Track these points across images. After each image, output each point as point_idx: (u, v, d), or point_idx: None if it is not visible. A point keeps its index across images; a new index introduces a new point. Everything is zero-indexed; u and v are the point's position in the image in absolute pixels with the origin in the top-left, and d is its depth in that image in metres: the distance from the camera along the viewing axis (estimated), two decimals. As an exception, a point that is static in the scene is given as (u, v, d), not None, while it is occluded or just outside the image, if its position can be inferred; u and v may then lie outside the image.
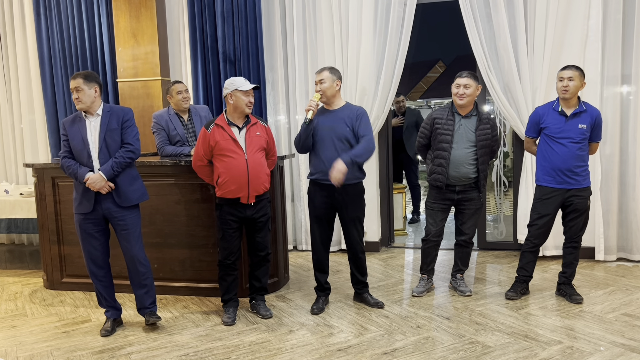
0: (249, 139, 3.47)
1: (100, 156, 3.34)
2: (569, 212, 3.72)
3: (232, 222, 3.53)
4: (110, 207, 3.38)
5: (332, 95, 3.60)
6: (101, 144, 3.34)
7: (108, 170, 3.32)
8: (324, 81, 3.55)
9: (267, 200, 3.65)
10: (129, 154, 3.39)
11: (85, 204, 3.36)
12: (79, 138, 3.34)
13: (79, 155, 3.36)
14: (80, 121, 3.37)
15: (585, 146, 3.64)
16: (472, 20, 4.69)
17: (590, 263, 4.70)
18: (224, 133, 3.44)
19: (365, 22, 4.92)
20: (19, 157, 6.16)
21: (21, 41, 5.92)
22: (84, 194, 3.36)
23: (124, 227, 3.42)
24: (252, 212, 3.54)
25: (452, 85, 3.77)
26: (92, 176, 3.29)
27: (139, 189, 3.49)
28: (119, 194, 3.38)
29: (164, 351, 3.19)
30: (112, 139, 3.37)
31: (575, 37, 4.55)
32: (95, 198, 3.35)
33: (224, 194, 3.48)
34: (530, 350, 3.04)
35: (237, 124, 3.49)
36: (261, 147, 3.53)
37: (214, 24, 5.31)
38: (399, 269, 4.76)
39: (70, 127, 3.38)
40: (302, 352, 3.12)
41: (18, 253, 5.89)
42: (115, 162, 3.33)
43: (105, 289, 3.52)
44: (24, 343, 3.38)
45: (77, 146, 3.35)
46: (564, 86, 3.56)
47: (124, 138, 3.40)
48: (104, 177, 3.31)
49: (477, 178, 3.82)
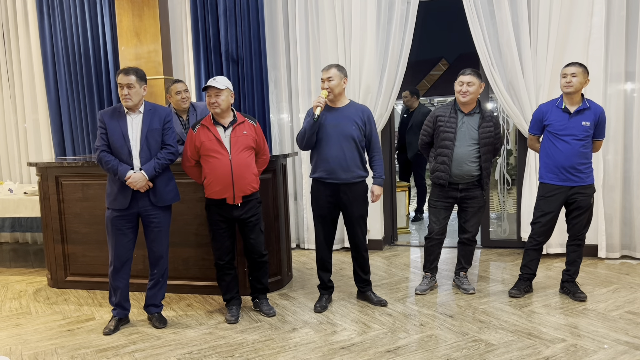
0: (234, 139, 3.42)
1: (141, 154, 3.34)
2: (572, 210, 3.71)
3: (220, 223, 3.51)
4: (145, 205, 3.40)
5: (339, 93, 3.59)
6: (143, 143, 3.35)
7: (150, 170, 3.33)
8: (332, 79, 3.54)
9: (257, 200, 3.59)
10: (170, 156, 3.41)
11: (121, 200, 3.36)
12: (119, 134, 3.33)
13: (118, 151, 3.35)
14: (120, 116, 3.35)
15: (589, 143, 3.62)
16: (476, 17, 4.67)
17: (593, 261, 4.68)
18: (208, 133, 3.42)
19: (368, 20, 4.91)
20: (22, 156, 6.18)
21: (24, 40, 5.93)
22: (120, 191, 3.36)
23: (156, 225, 3.44)
24: (240, 212, 3.50)
25: (455, 83, 3.76)
26: (135, 175, 3.30)
27: (173, 190, 3.51)
28: (156, 193, 3.40)
29: (168, 349, 3.20)
30: (153, 138, 3.37)
31: (579, 34, 4.53)
32: (132, 195, 3.36)
33: (210, 195, 3.47)
34: (533, 348, 3.04)
35: (223, 123, 3.45)
36: (248, 146, 3.47)
37: (217, 23, 5.31)
38: (402, 267, 4.75)
39: (110, 121, 3.35)
40: (306, 350, 3.13)
41: (22, 252, 5.91)
42: (158, 163, 3.35)
43: (123, 287, 3.51)
44: (28, 341, 3.39)
45: (116, 142, 3.34)
46: (567, 82, 3.55)
47: (165, 139, 3.42)
48: (146, 177, 3.32)
49: (480, 176, 3.82)
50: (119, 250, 3.43)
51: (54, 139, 5.91)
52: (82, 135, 5.82)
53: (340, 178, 3.56)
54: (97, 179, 4.19)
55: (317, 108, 3.47)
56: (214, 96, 3.37)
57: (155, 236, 3.46)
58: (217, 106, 3.38)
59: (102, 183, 4.16)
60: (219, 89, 3.37)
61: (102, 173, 4.13)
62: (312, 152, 3.68)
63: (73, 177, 4.25)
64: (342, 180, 3.57)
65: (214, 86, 3.35)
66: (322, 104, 3.49)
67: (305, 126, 3.53)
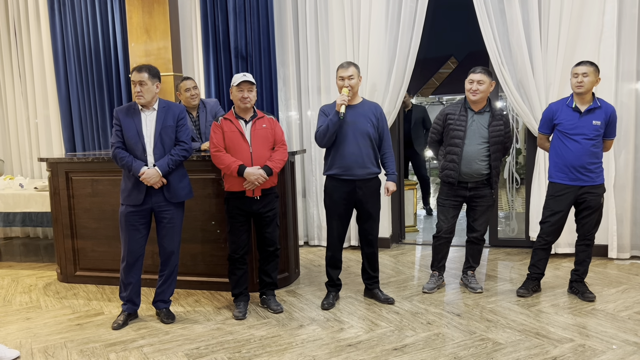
0: (254, 132, 3.50)
1: (155, 151, 3.38)
2: (582, 210, 3.69)
3: (239, 216, 3.56)
4: (159, 201, 3.43)
5: (357, 91, 3.63)
6: (156, 139, 3.38)
7: (164, 166, 3.36)
8: (353, 77, 3.57)
9: (275, 195, 3.65)
10: (184, 152, 3.44)
11: (135, 196, 3.39)
12: (133, 130, 3.37)
13: (132, 148, 3.39)
14: (135, 113, 3.39)
15: (599, 143, 3.60)
16: (485, 15, 4.65)
17: (603, 261, 4.65)
18: (231, 125, 3.50)
19: (377, 18, 4.90)
20: (33, 151, 6.24)
21: (36, 37, 5.98)
22: (135, 187, 3.39)
23: (170, 221, 3.47)
24: (259, 206, 3.56)
25: (465, 81, 3.75)
26: (148, 171, 3.33)
27: (187, 186, 3.54)
28: (170, 189, 3.43)
29: (176, 344, 3.22)
30: (167, 135, 3.41)
31: (590, 32, 4.50)
32: (146, 191, 3.39)
33: (230, 187, 3.53)
34: (541, 347, 3.03)
35: (245, 117, 3.53)
36: (267, 139, 3.54)
37: (226, 20, 5.32)
38: (410, 265, 4.75)
39: (125, 118, 3.39)
40: (313, 346, 3.13)
41: (32, 246, 5.97)
42: (172, 159, 3.38)
43: (135, 283, 3.54)
44: (38, 335, 3.42)
45: (131, 138, 3.38)
46: (579, 82, 3.52)
47: (179, 136, 3.46)
48: (160, 173, 3.35)
49: (490, 175, 3.80)
50: (132, 245, 3.45)
51: (64, 135, 5.96)
52: (92, 131, 5.86)
53: (356, 174, 3.58)
54: (106, 174, 4.22)
55: (341, 106, 3.50)
56: (247, 91, 3.47)
57: (167, 232, 3.49)
58: (249, 101, 3.48)
59: (112, 179, 4.19)
60: (252, 84, 3.47)
61: (111, 169, 4.16)
62: (328, 150, 3.69)
63: (83, 173, 4.29)
64: (358, 177, 3.59)
65: (249, 81, 3.45)
66: (346, 102, 3.53)
67: (328, 124, 3.54)
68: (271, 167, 3.48)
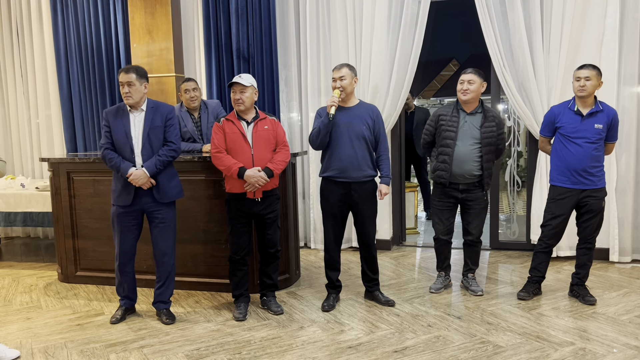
0: (256, 133, 3.49)
1: (143, 152, 3.38)
2: (583, 213, 3.68)
3: (240, 218, 3.56)
4: (149, 201, 3.44)
5: (350, 92, 3.61)
6: (144, 140, 3.38)
7: (152, 167, 3.36)
8: (345, 78, 3.55)
9: (276, 197, 3.65)
10: (172, 153, 3.44)
11: (125, 197, 3.41)
12: (121, 131, 3.38)
13: (121, 149, 3.40)
14: (123, 114, 3.40)
15: (601, 146, 3.59)
16: (488, 18, 4.65)
17: (604, 264, 4.65)
18: (232, 126, 3.49)
19: (379, 20, 4.90)
20: (35, 151, 6.24)
21: (38, 37, 5.99)
22: (124, 187, 3.40)
23: (161, 221, 3.48)
24: (260, 208, 3.55)
25: (458, 82, 3.78)
26: (136, 172, 3.34)
27: (177, 186, 3.55)
28: (159, 190, 3.44)
29: (176, 345, 3.22)
30: (155, 135, 3.41)
31: (592, 36, 4.50)
32: (135, 192, 3.40)
33: (231, 189, 3.52)
34: (542, 351, 3.02)
35: (246, 119, 3.52)
36: (269, 141, 3.53)
37: (228, 21, 5.33)
38: (410, 267, 4.74)
39: (114, 119, 3.40)
40: (313, 348, 3.13)
41: (33, 246, 5.97)
42: (159, 159, 3.38)
43: (129, 281, 3.58)
44: (38, 335, 3.42)
45: (119, 139, 3.39)
46: (581, 86, 3.52)
47: (167, 136, 3.46)
48: (147, 173, 3.35)
49: (481, 176, 3.80)
50: (124, 246, 3.48)
51: (65, 135, 5.96)
52: (93, 131, 5.87)
53: (351, 177, 3.58)
54: (107, 174, 4.21)
55: (331, 107, 3.49)
56: (239, 92, 3.45)
57: (159, 232, 3.49)
58: (242, 103, 3.46)
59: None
60: (244, 86, 3.44)
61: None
62: (324, 152, 3.69)
63: (84, 173, 4.29)
64: (353, 179, 3.58)
65: (239, 83, 3.43)
66: (336, 103, 3.51)
67: (319, 126, 3.54)
68: (272, 169, 3.48)
